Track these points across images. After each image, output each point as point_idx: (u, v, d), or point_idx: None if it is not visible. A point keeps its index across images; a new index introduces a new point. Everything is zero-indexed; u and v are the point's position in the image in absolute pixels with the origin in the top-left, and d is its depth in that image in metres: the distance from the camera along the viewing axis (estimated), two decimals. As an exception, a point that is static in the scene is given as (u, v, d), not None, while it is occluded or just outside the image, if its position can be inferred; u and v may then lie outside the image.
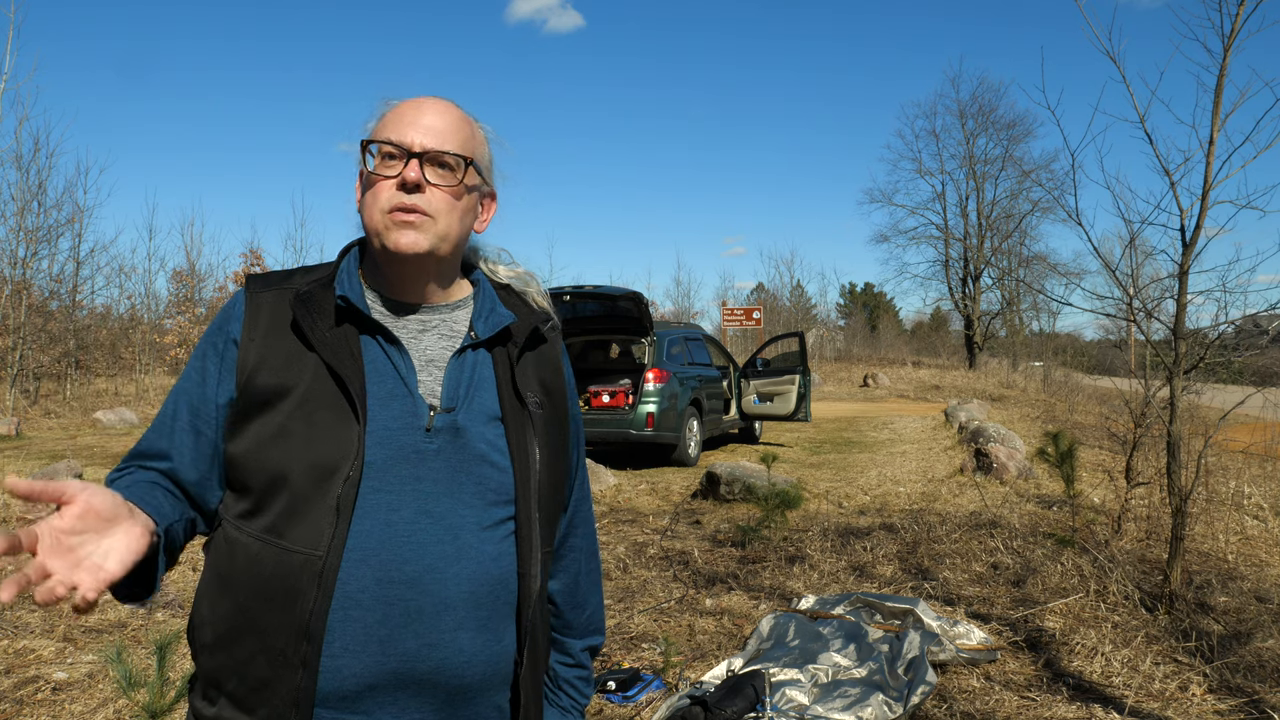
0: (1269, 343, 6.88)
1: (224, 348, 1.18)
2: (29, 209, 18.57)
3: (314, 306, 1.18)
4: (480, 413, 1.19)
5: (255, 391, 1.14)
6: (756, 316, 26.89)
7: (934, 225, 37.63)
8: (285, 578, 1.08)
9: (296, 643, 1.07)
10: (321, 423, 1.12)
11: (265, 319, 1.19)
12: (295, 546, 1.09)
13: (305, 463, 1.10)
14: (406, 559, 1.11)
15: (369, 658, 1.09)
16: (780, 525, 6.34)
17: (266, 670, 1.09)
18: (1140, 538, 5.76)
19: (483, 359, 1.24)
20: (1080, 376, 27.85)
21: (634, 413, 9.89)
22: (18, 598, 0.89)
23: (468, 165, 1.20)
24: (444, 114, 1.21)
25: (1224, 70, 4.31)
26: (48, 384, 20.24)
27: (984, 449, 9.35)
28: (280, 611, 1.08)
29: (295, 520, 1.10)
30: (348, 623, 1.08)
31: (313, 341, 1.15)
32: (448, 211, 1.18)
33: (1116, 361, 32.43)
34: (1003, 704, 3.44)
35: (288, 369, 1.15)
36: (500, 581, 1.17)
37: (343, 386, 1.13)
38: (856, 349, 42.03)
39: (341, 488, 1.09)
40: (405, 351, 1.19)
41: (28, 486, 0.90)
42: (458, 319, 1.26)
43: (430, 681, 1.12)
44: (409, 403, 1.16)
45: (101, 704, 3.38)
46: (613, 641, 4.16)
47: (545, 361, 1.30)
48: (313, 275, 1.23)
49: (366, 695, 1.10)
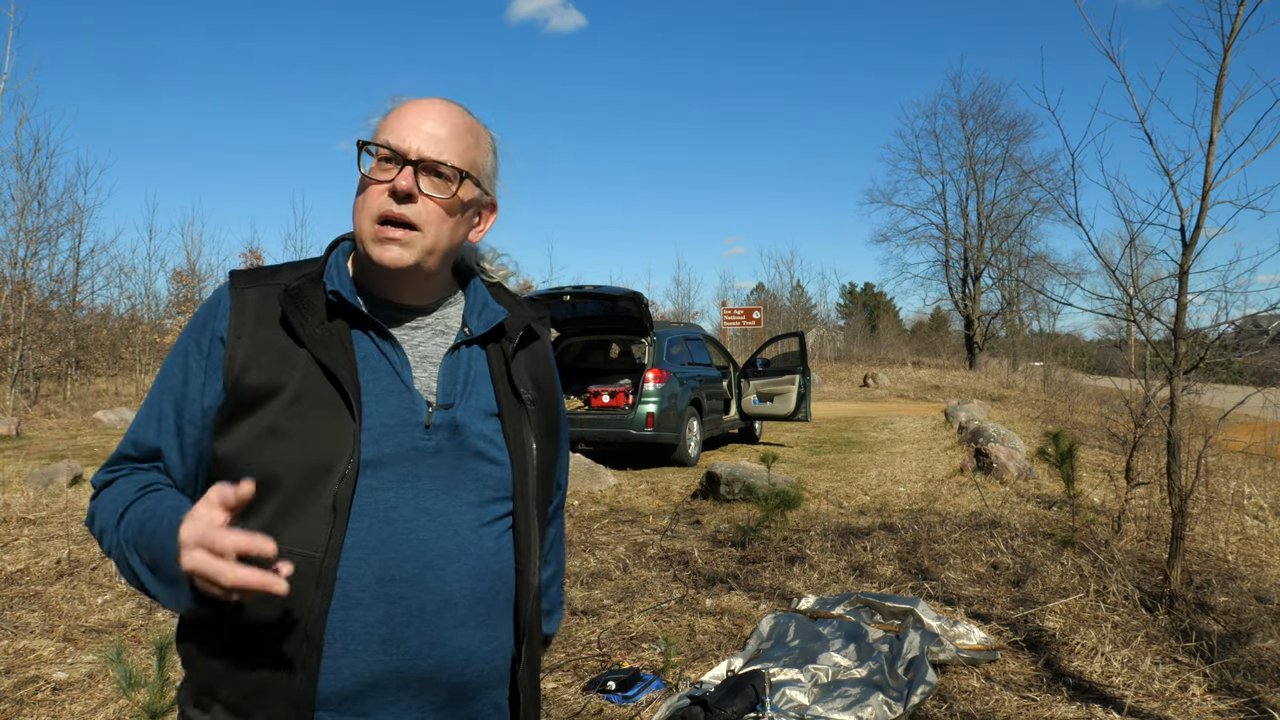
0: (1269, 343, 6.88)
1: (209, 345, 1.15)
2: (29, 209, 18.59)
3: (304, 302, 1.15)
4: (477, 408, 1.18)
5: (245, 390, 1.11)
6: (756, 316, 26.89)
7: (934, 225, 37.68)
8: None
9: (296, 646, 1.06)
10: (315, 421, 1.09)
11: (252, 315, 1.15)
12: (292, 548, 1.05)
13: (299, 462, 1.08)
14: (406, 556, 1.09)
15: (370, 658, 1.07)
16: (780, 525, 6.34)
17: (264, 674, 1.07)
18: (1140, 538, 5.76)
19: (476, 355, 1.23)
20: (1080, 376, 27.83)
21: (634, 413, 9.88)
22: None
23: (464, 178, 1.17)
24: (447, 121, 1.17)
25: (1224, 70, 4.31)
26: (48, 384, 20.23)
27: (984, 449, 9.35)
28: (278, 615, 1.06)
29: (290, 521, 1.07)
30: (348, 623, 1.07)
31: (303, 338, 1.12)
32: (438, 224, 1.15)
33: (1116, 361, 32.40)
34: (1003, 704, 3.44)
35: (278, 366, 1.12)
36: (499, 577, 1.16)
37: (336, 383, 1.10)
38: (856, 349, 42.02)
39: (337, 486, 1.07)
40: (399, 347, 1.17)
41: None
42: (449, 316, 1.25)
43: (432, 680, 1.11)
44: (406, 399, 1.14)
45: (101, 704, 3.38)
46: (613, 641, 4.16)
47: (537, 358, 1.30)
48: (301, 271, 1.20)
49: (368, 695, 1.08)
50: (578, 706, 3.41)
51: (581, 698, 3.49)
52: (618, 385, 10.34)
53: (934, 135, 39.28)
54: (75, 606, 4.55)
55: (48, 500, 7.13)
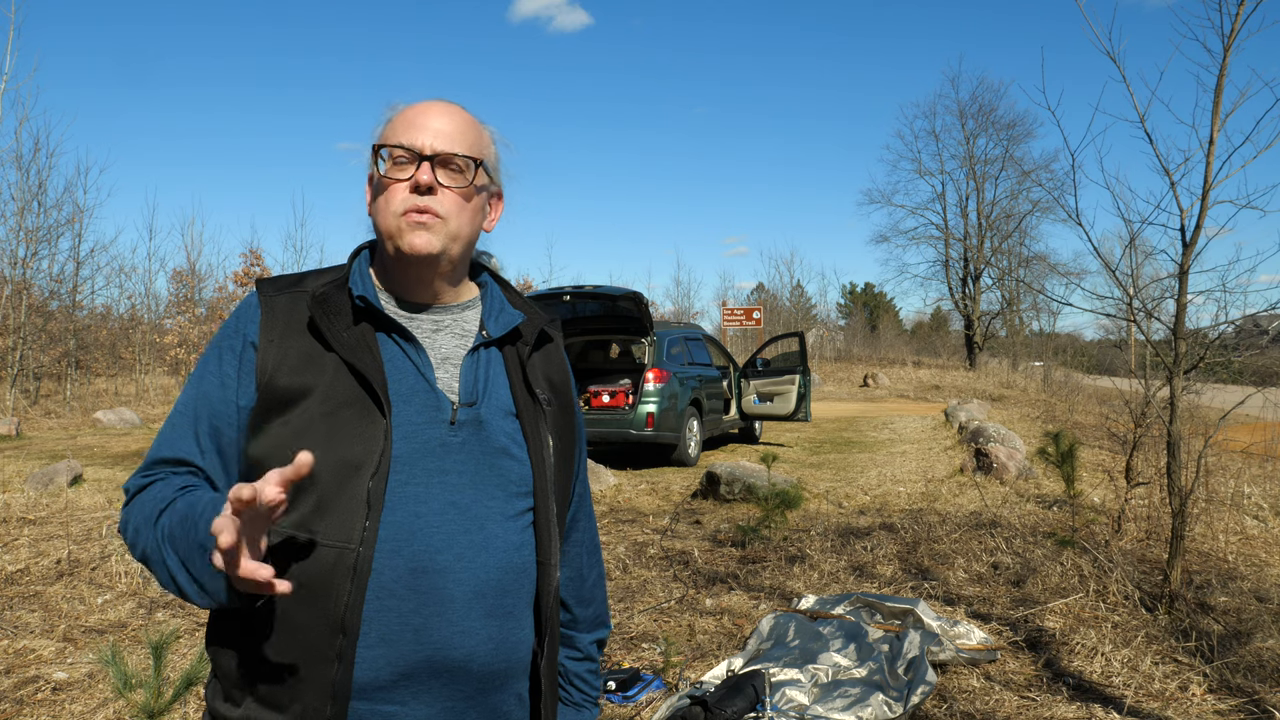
0: (1269, 343, 6.89)
1: (242, 350, 1.19)
2: (29, 209, 18.58)
3: (331, 307, 1.20)
4: (498, 407, 1.23)
5: (276, 393, 1.15)
6: (756, 316, 26.88)
7: (934, 225, 37.63)
8: (317, 572, 1.09)
9: (331, 636, 1.08)
10: (345, 420, 1.13)
11: (281, 321, 1.20)
12: (327, 540, 1.09)
13: (332, 460, 1.11)
14: (438, 548, 1.13)
15: (404, 647, 1.10)
16: (780, 525, 6.34)
17: (300, 666, 1.09)
18: (1140, 538, 5.76)
19: (494, 357, 1.28)
20: (1080, 376, 27.82)
21: (634, 413, 9.89)
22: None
23: (477, 166, 1.23)
24: (452, 117, 1.23)
25: (1224, 70, 4.31)
26: (48, 384, 20.25)
27: (984, 449, 9.35)
28: (313, 606, 1.09)
29: (324, 516, 1.10)
30: (382, 613, 1.10)
31: (331, 341, 1.17)
32: (459, 212, 1.21)
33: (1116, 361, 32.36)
34: (1003, 704, 3.44)
35: (306, 369, 1.16)
36: (523, 570, 1.20)
37: (365, 384, 1.15)
38: (856, 349, 42.02)
39: (371, 481, 1.11)
40: (422, 349, 1.22)
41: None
42: (468, 319, 1.30)
43: (463, 669, 1.14)
44: (431, 398, 1.18)
45: (101, 704, 3.38)
46: (613, 641, 4.16)
47: (552, 361, 1.35)
48: (325, 278, 1.25)
49: (401, 685, 1.11)
50: (577, 706, 3.41)
51: (581, 698, 3.49)
52: (618, 385, 10.34)
53: (933, 135, 39.28)
54: (75, 606, 4.55)
55: (48, 500, 7.14)
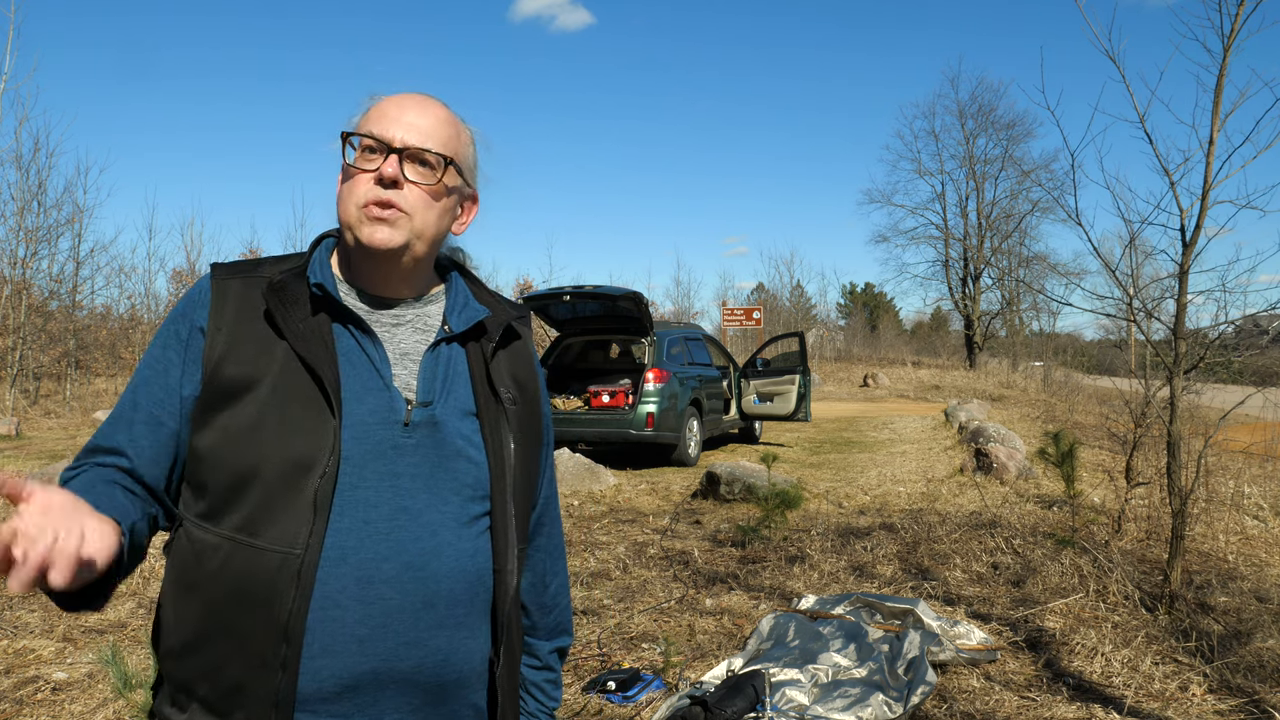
0: (1269, 343, 6.89)
1: (189, 336, 1.14)
2: (29, 209, 18.54)
3: (287, 296, 1.14)
4: (456, 407, 1.18)
5: (222, 382, 1.10)
6: (756, 316, 26.87)
7: (934, 225, 37.65)
8: (261, 579, 1.05)
9: (275, 645, 1.04)
10: (294, 416, 1.08)
11: (233, 307, 1.15)
12: (271, 545, 1.05)
13: (278, 458, 1.07)
14: (385, 556, 1.09)
15: (349, 658, 1.07)
16: (780, 525, 6.34)
17: (243, 674, 1.06)
18: (1140, 538, 5.76)
19: (456, 353, 1.23)
20: (1080, 376, 27.83)
21: (634, 413, 9.88)
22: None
23: (448, 165, 1.18)
24: (428, 112, 1.19)
25: (1224, 70, 4.31)
26: (48, 384, 20.24)
27: (984, 449, 9.35)
28: (256, 613, 1.05)
29: (268, 518, 1.06)
30: (327, 623, 1.06)
31: (285, 332, 1.12)
32: (424, 210, 1.16)
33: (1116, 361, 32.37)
34: (1003, 704, 3.44)
35: (256, 360, 1.11)
36: (477, 578, 1.16)
37: (316, 379, 1.10)
38: (856, 349, 42.03)
39: (318, 484, 1.06)
40: (380, 344, 1.17)
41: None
42: (431, 313, 1.25)
43: (410, 681, 1.10)
44: (385, 396, 1.14)
45: (101, 704, 3.38)
46: (613, 641, 4.16)
47: (518, 357, 1.29)
48: (284, 265, 1.20)
49: (346, 696, 1.08)
50: (578, 706, 3.41)
51: (581, 697, 3.49)
52: (618, 385, 10.34)
53: (933, 135, 39.23)
54: (75, 606, 4.55)
55: (47, 500, 7.12)
